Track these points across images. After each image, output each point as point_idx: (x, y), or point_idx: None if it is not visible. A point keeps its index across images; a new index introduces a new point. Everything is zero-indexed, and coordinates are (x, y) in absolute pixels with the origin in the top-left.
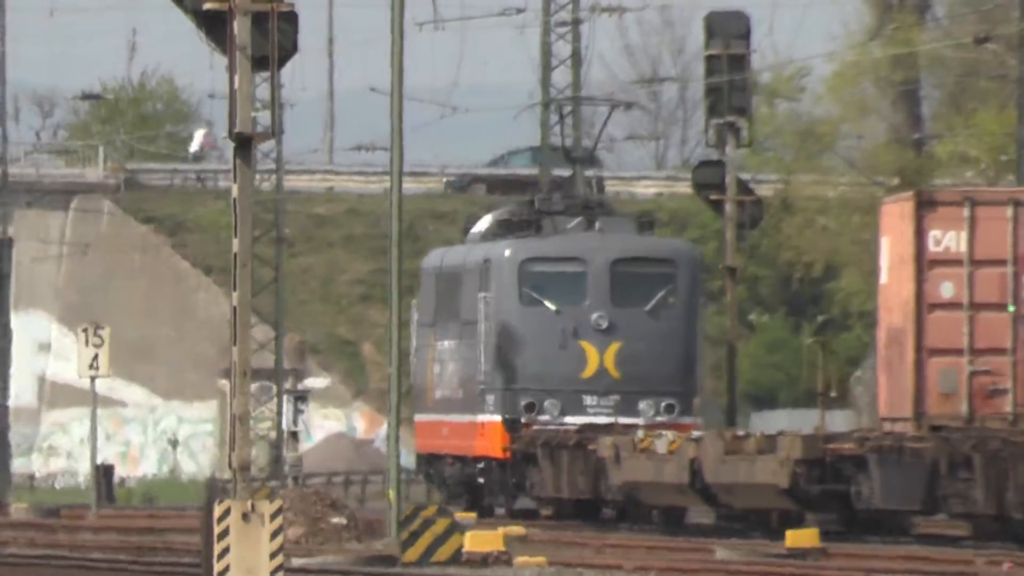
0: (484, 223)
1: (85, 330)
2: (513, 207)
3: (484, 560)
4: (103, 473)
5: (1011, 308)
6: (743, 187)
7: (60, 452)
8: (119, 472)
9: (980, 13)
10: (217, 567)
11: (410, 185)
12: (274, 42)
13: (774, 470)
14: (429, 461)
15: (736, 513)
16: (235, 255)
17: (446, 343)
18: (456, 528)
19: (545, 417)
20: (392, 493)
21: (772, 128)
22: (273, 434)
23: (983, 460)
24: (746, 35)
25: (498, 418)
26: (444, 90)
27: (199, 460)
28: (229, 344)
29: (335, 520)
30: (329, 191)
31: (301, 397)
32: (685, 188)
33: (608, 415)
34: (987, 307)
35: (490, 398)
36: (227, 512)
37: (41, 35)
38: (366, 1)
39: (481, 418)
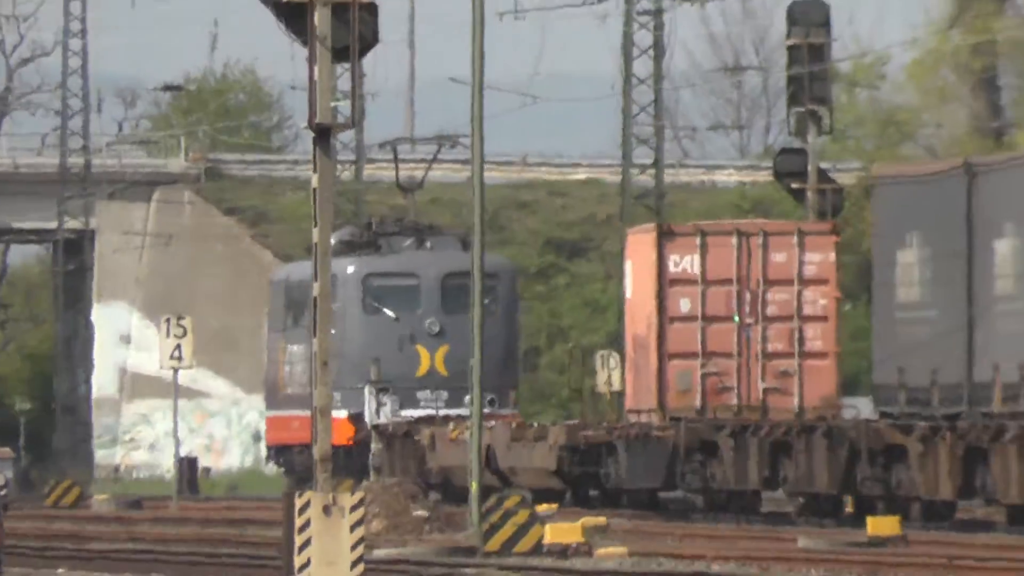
0: None
1: (167, 320)
2: (353, 229)
3: (564, 551)
4: (186, 465)
5: (736, 319)
6: (824, 175)
7: (143, 444)
8: (204, 464)
9: None
10: (298, 560)
11: (492, 174)
12: (355, 33)
13: (545, 455)
14: (279, 451)
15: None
16: (315, 245)
17: (295, 347)
18: (536, 519)
19: (385, 410)
20: (474, 484)
21: (853, 116)
22: None
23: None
24: (827, 24)
25: (345, 413)
26: (525, 80)
27: None
28: None
29: (417, 513)
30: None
31: (383, 389)
32: (767, 176)
33: (438, 408)
34: (717, 319)
35: (337, 395)
36: (308, 504)
37: (123, 26)
38: None
39: None
